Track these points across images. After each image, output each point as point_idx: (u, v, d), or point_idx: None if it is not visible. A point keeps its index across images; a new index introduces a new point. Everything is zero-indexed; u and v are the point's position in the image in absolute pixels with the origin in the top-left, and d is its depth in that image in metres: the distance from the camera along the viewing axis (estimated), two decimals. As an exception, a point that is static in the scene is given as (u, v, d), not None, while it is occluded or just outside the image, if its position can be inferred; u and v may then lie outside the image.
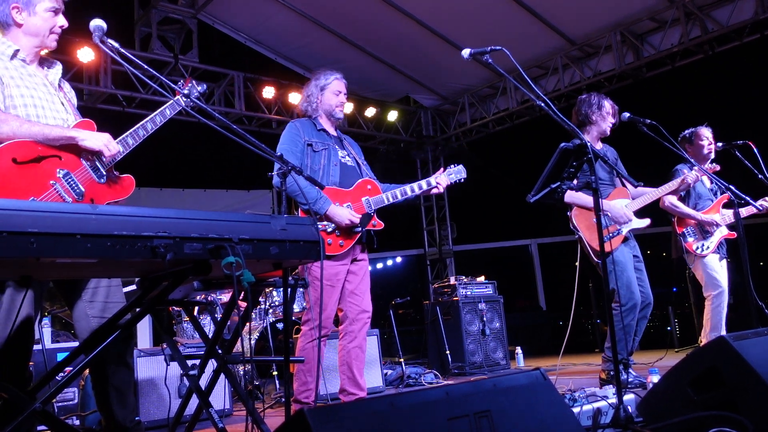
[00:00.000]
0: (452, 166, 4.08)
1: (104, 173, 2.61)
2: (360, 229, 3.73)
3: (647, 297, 4.42)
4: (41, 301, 2.64)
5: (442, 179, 3.98)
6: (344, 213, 3.66)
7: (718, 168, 4.83)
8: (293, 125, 3.86)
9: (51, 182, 2.43)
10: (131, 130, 2.76)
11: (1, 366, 2.43)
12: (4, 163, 2.36)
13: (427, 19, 8.33)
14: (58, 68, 2.82)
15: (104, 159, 2.60)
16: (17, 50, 2.64)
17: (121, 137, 2.72)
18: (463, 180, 4.06)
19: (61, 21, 2.71)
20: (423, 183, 3.94)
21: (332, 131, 3.99)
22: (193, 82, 3.09)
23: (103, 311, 2.62)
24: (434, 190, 3.98)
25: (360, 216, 3.73)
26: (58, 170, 2.47)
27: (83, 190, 2.51)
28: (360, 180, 3.88)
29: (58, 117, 2.65)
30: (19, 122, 2.45)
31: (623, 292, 4.26)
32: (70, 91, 2.92)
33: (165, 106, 2.87)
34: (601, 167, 4.49)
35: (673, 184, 4.65)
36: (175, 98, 2.92)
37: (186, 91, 2.94)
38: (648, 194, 4.61)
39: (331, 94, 3.93)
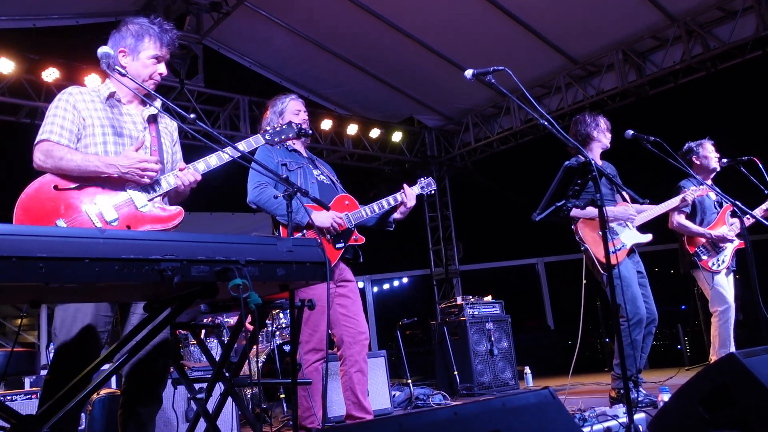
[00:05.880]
0: (423, 179, 4.13)
1: (147, 202, 2.60)
2: (343, 244, 3.71)
3: (652, 313, 4.42)
4: (127, 314, 2.62)
5: (410, 192, 3.96)
6: (326, 216, 3.61)
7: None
8: (265, 147, 3.61)
9: (83, 208, 2.47)
10: (202, 159, 2.77)
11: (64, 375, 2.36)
12: (45, 189, 2.47)
13: (430, 40, 8.40)
14: (157, 103, 2.83)
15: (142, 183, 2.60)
16: (113, 92, 2.74)
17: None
18: (433, 191, 4.13)
19: (161, 69, 2.79)
20: (392, 198, 3.94)
21: (303, 152, 3.98)
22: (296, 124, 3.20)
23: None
24: (401, 207, 3.96)
25: (342, 217, 3.70)
26: (97, 197, 2.52)
27: (117, 216, 2.52)
28: (337, 196, 3.86)
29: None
30: (62, 154, 2.51)
31: (629, 306, 4.28)
32: (171, 123, 2.94)
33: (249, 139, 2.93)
34: (604, 183, 4.51)
35: (674, 201, 4.74)
36: (255, 136, 3.00)
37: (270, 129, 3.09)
38: (650, 210, 4.68)
39: (291, 115, 3.88)
